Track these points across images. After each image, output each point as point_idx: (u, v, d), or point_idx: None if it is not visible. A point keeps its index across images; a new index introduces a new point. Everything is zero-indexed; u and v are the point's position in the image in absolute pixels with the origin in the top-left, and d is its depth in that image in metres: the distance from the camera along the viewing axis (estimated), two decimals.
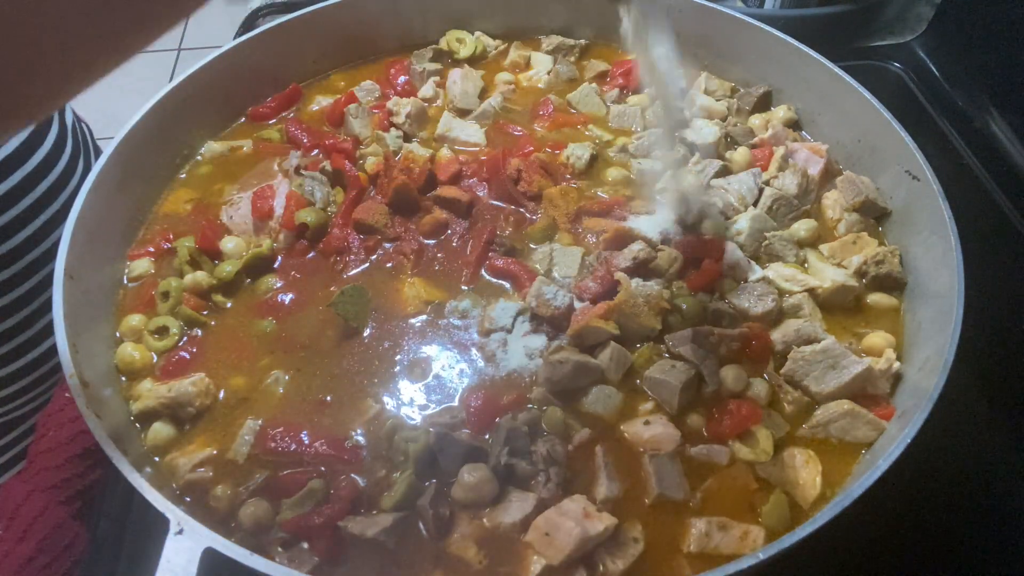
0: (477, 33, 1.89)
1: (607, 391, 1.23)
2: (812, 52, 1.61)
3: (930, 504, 1.31)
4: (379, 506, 1.11)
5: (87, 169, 1.69)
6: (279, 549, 1.08)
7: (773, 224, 1.46)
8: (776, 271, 1.39)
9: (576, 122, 1.70)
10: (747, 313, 1.33)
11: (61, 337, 1.15)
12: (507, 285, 1.39)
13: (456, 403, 1.23)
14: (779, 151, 1.55)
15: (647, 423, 1.19)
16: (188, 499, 1.14)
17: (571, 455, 1.16)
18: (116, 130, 1.44)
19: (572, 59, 1.86)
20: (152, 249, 1.46)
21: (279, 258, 1.44)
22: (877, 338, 1.30)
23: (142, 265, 1.43)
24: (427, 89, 1.77)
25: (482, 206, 1.51)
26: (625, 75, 1.79)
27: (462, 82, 1.76)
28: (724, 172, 1.55)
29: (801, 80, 1.65)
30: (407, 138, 1.65)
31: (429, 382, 1.26)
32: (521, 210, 1.50)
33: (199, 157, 1.64)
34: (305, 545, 1.08)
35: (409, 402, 1.24)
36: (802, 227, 1.45)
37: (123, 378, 1.28)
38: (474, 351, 1.30)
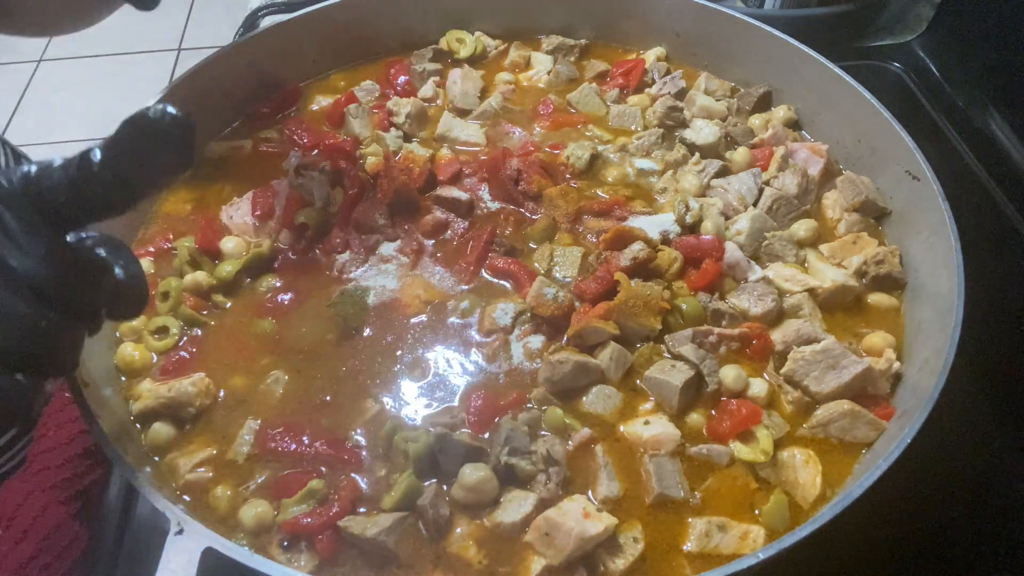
0: (477, 33, 1.89)
1: (607, 391, 1.23)
2: (812, 52, 1.61)
3: (930, 504, 1.31)
4: (379, 506, 1.11)
5: None
6: (279, 549, 1.08)
7: (773, 224, 1.46)
8: (776, 271, 1.39)
9: (576, 122, 1.70)
10: (747, 313, 1.33)
11: None
12: (507, 285, 1.39)
13: (456, 403, 1.23)
14: (779, 151, 1.55)
15: (647, 423, 1.19)
16: (188, 499, 1.14)
17: (571, 455, 1.17)
18: None
19: (572, 59, 1.86)
20: (152, 249, 1.46)
21: (279, 258, 1.44)
22: (877, 338, 1.30)
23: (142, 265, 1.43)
24: (427, 89, 1.77)
25: (482, 206, 1.51)
26: (625, 75, 1.79)
27: (462, 82, 1.76)
28: (724, 172, 1.55)
29: (801, 80, 1.65)
30: (407, 138, 1.66)
31: (429, 382, 1.26)
32: (521, 210, 1.50)
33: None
34: (305, 545, 1.09)
35: (409, 402, 1.24)
36: (802, 227, 1.45)
37: (123, 378, 1.28)
38: (474, 351, 1.30)
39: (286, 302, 1.37)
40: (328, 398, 1.24)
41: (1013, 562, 1.30)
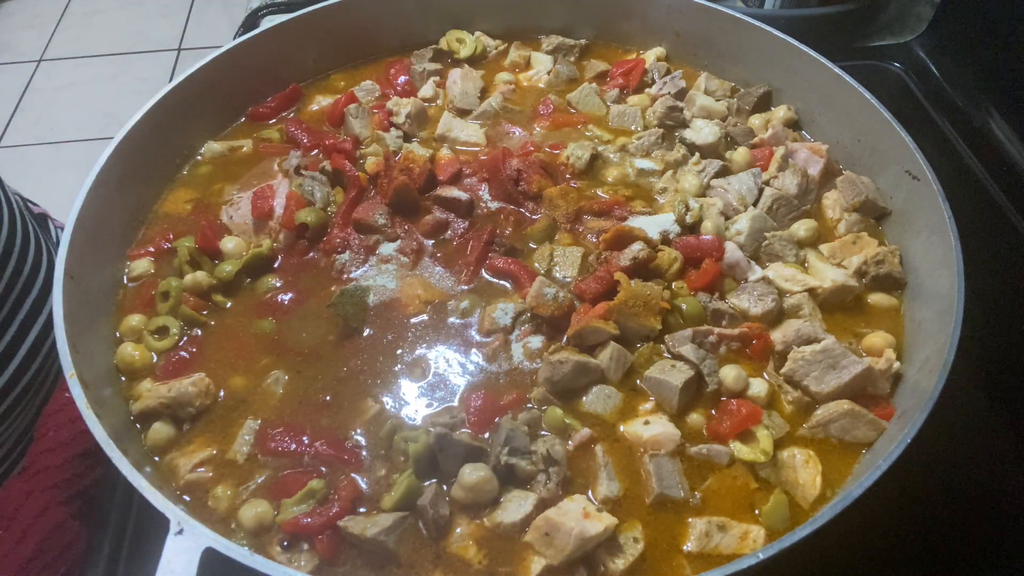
0: (477, 33, 1.89)
1: (607, 391, 1.23)
2: (812, 52, 1.61)
3: (930, 504, 1.31)
4: (379, 506, 1.11)
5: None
6: (279, 549, 1.08)
7: (773, 224, 1.46)
8: (776, 271, 1.39)
9: (576, 122, 1.70)
10: (747, 313, 1.33)
11: (61, 337, 1.15)
12: (507, 285, 1.39)
13: (456, 403, 1.23)
14: (779, 151, 1.55)
15: (647, 423, 1.19)
16: (188, 499, 1.14)
17: (571, 455, 1.17)
18: (116, 130, 1.44)
19: (572, 59, 1.86)
20: (152, 249, 1.46)
21: (279, 258, 1.44)
22: (877, 338, 1.30)
23: (142, 265, 1.43)
24: (427, 89, 1.77)
25: (482, 206, 1.51)
26: (625, 75, 1.79)
27: (462, 82, 1.76)
28: (724, 172, 1.55)
29: (801, 80, 1.65)
30: (407, 138, 1.66)
31: (429, 382, 1.26)
32: (521, 210, 1.50)
33: (199, 157, 1.64)
34: (305, 545, 1.09)
35: (409, 402, 1.24)
36: (802, 227, 1.45)
37: (123, 378, 1.28)
38: (474, 351, 1.30)
39: (286, 302, 1.37)
40: (328, 398, 1.24)
41: (1013, 562, 1.30)
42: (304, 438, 1.19)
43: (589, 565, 1.06)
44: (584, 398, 1.24)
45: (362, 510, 1.12)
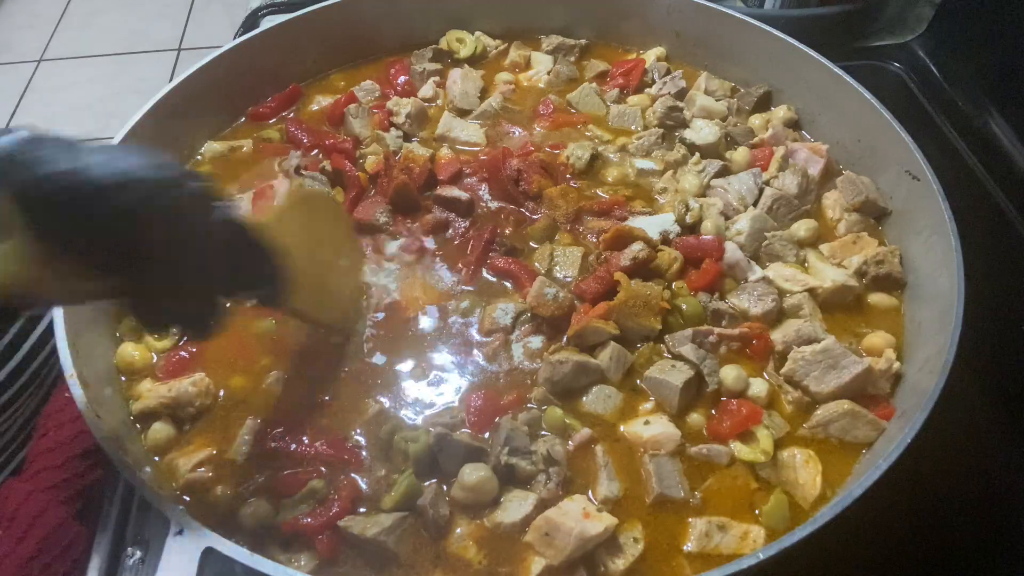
0: (477, 33, 1.89)
1: (607, 391, 1.23)
2: (812, 52, 1.61)
3: (930, 504, 1.31)
4: (379, 506, 1.11)
5: None
6: (279, 549, 1.08)
7: (773, 224, 1.46)
8: (776, 271, 1.39)
9: (576, 122, 1.70)
10: (747, 313, 1.33)
11: (61, 337, 1.15)
12: (508, 285, 1.39)
13: (456, 403, 1.23)
14: (779, 151, 1.55)
15: (647, 423, 1.19)
16: (188, 499, 1.14)
17: (571, 455, 1.17)
18: (116, 130, 1.44)
19: (572, 59, 1.86)
20: None
21: None
22: (877, 338, 1.30)
23: None
24: (427, 89, 1.77)
25: (482, 206, 1.51)
26: (625, 75, 1.79)
27: (462, 82, 1.76)
28: (724, 172, 1.55)
29: (801, 80, 1.65)
30: (407, 138, 1.66)
31: (429, 381, 1.26)
32: (521, 210, 1.50)
33: (199, 157, 1.64)
34: (305, 545, 1.09)
35: (409, 402, 1.24)
36: (802, 227, 1.45)
37: (123, 378, 1.28)
38: (474, 351, 1.30)
39: None
40: (328, 398, 1.24)
41: (1013, 562, 1.30)
42: (304, 438, 1.19)
43: (589, 565, 1.06)
44: (584, 398, 1.24)
45: (362, 510, 1.12)
